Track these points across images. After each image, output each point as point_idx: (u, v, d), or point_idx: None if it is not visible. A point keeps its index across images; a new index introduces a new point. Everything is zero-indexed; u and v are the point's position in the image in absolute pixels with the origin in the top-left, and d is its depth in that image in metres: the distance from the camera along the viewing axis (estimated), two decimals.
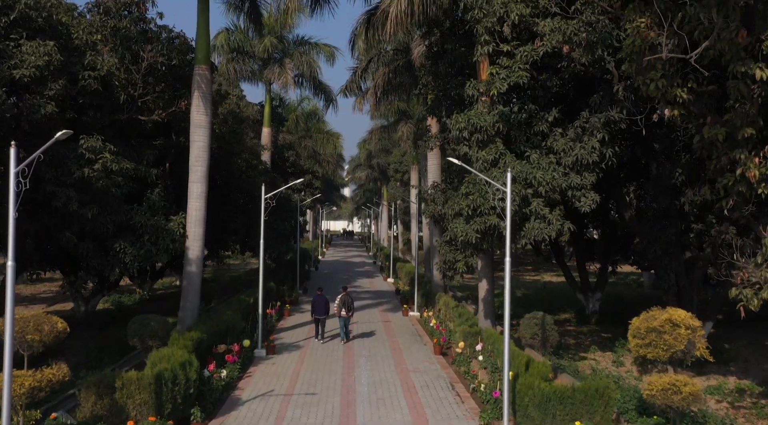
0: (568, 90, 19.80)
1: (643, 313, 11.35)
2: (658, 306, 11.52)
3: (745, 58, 12.08)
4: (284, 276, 37.51)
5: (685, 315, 10.75)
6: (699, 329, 11.02)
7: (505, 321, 12.39)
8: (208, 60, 20.13)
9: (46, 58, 16.66)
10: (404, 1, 18.32)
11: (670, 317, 10.70)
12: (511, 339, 12.91)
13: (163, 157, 26.55)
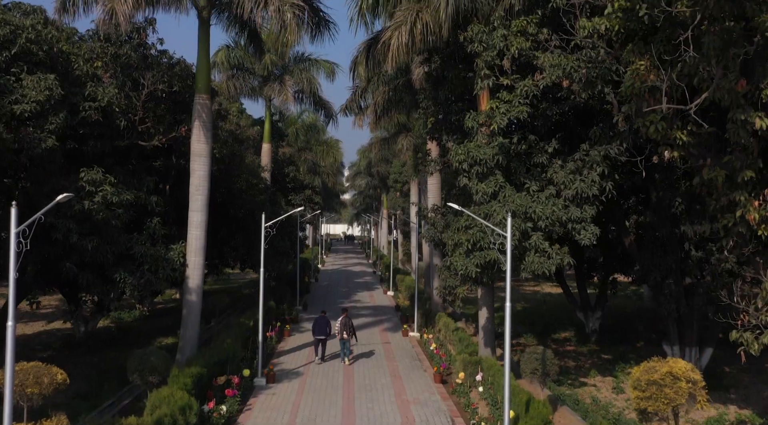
0: (567, 118, 19.85)
1: (644, 363, 11.36)
2: (658, 357, 11.52)
3: (745, 105, 12.10)
4: (284, 293, 37.51)
5: (686, 368, 10.76)
6: (700, 381, 11.02)
7: (506, 367, 12.38)
8: (208, 89, 20.16)
9: (46, 92, 16.69)
10: (404, 34, 18.35)
11: (671, 369, 10.70)
12: (510, 371, 12.87)
13: (163, 178, 26.59)
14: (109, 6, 16.97)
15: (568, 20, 16.63)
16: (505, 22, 18.29)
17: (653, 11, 12.79)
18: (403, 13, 18.85)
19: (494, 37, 17.93)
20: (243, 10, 18.56)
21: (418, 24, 18.51)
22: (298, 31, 18.07)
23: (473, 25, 18.32)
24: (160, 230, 20.11)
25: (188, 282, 19.93)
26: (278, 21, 17.95)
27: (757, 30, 10.77)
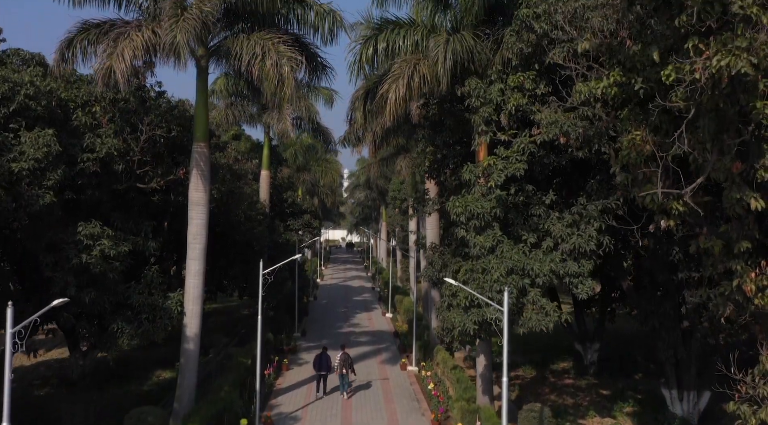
0: (565, 166, 19.87)
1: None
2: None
3: (740, 183, 12.13)
4: (282, 321, 37.49)
5: None
6: None
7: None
8: (206, 137, 20.18)
9: (44, 149, 16.72)
10: (402, 87, 18.39)
11: None
12: None
13: (161, 214, 26.61)
14: (107, 64, 17.01)
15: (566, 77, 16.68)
16: (502, 76, 18.34)
17: (647, 84, 12.85)
18: (401, 66, 18.89)
19: (491, 91, 17.98)
20: (241, 62, 18.61)
21: (415, 77, 18.57)
22: (296, 85, 18.07)
23: (471, 80, 18.37)
24: (157, 278, 20.12)
25: (185, 330, 19.93)
26: (276, 75, 17.99)
27: (751, 115, 10.80)
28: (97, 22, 19.30)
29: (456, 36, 18.52)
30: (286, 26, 20.41)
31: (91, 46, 19.04)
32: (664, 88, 12.60)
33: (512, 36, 17.79)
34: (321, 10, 19.93)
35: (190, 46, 17.13)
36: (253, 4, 18.27)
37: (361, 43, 19.81)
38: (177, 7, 17.29)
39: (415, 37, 19.91)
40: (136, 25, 18.03)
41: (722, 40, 9.12)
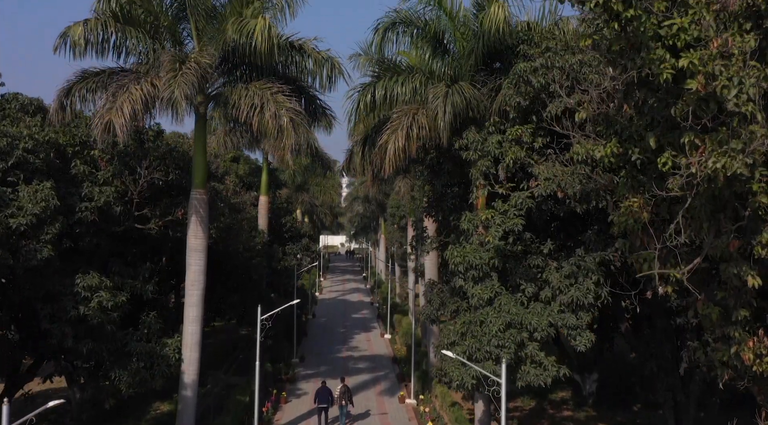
0: (564, 215, 19.90)
1: None
2: None
3: (737, 258, 12.14)
4: (281, 347, 37.43)
5: None
6: None
7: None
8: (205, 183, 20.20)
9: (42, 204, 16.72)
10: (401, 138, 18.42)
11: None
12: None
13: (160, 249, 26.61)
14: (107, 119, 17.03)
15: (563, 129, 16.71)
16: (500, 126, 18.38)
17: (644, 155, 12.87)
18: (400, 117, 18.92)
19: (489, 143, 18.01)
20: (239, 112, 18.64)
21: (414, 127, 18.60)
22: (295, 135, 18.11)
23: (469, 132, 18.41)
24: (155, 325, 20.10)
25: (183, 377, 19.92)
26: (275, 126, 18.02)
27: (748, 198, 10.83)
28: (96, 70, 19.35)
29: (455, 87, 18.55)
30: (285, 71, 20.42)
31: (90, 93, 19.08)
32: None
33: (510, 88, 17.83)
34: (319, 58, 19.97)
35: (188, 97, 17.13)
36: (251, 56, 18.30)
37: (360, 90, 19.85)
38: (175, 61, 17.32)
39: (414, 83, 19.96)
40: (135, 78, 18.05)
41: (718, 139, 9.14)
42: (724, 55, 8.63)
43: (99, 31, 18.23)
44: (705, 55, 8.68)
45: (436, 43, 20.44)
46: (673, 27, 9.19)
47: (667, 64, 9.32)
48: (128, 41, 18.89)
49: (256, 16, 18.34)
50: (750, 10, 9.21)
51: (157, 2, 19.73)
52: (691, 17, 9.24)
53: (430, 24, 20.08)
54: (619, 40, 9.29)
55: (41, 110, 21.23)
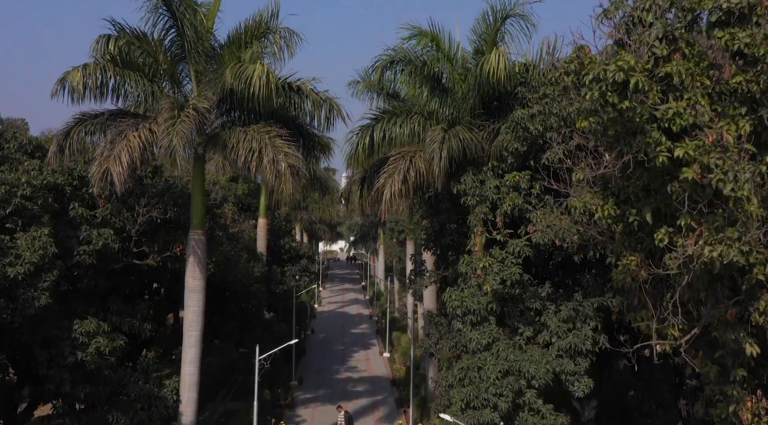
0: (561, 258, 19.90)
1: None
2: None
3: (735, 324, 12.14)
4: (279, 371, 37.35)
5: None
6: None
7: None
8: (203, 224, 20.20)
9: (40, 252, 16.71)
10: (398, 182, 18.46)
11: None
12: None
13: (157, 282, 26.58)
14: (104, 167, 17.04)
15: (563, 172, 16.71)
16: (498, 171, 18.40)
17: (642, 216, 12.87)
18: (397, 160, 18.95)
19: (487, 188, 18.03)
20: (237, 156, 18.64)
21: (411, 172, 18.64)
22: (293, 181, 18.12)
23: (466, 176, 18.43)
24: (153, 364, 20.06)
25: (181, 419, 19.89)
26: (273, 171, 18.03)
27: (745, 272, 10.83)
28: (95, 113, 19.36)
29: (451, 131, 18.57)
30: (283, 111, 20.44)
31: (88, 136, 19.08)
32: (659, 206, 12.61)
33: (508, 134, 17.86)
34: (317, 99, 19.98)
35: (186, 146, 17.14)
36: (250, 101, 18.34)
37: (358, 132, 19.88)
38: (173, 108, 17.34)
39: (412, 125, 20.00)
40: (134, 123, 18.05)
41: (714, 226, 9.15)
42: (720, 146, 8.65)
43: (98, 75, 18.23)
44: (700, 146, 8.70)
45: (434, 82, 20.47)
46: (669, 111, 9.21)
47: (662, 147, 9.33)
48: (127, 84, 18.89)
49: (255, 60, 18.37)
50: (745, 95, 9.24)
51: (155, 43, 19.74)
52: (686, 102, 9.26)
53: (428, 64, 20.10)
54: (615, 125, 9.32)
55: (40, 149, 21.19)
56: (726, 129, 8.76)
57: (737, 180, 8.27)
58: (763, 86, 8.82)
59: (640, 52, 9.35)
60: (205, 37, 19.72)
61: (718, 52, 9.45)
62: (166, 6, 18.97)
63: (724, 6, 8.94)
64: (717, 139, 8.65)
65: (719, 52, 9.42)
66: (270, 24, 20.59)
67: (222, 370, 40.59)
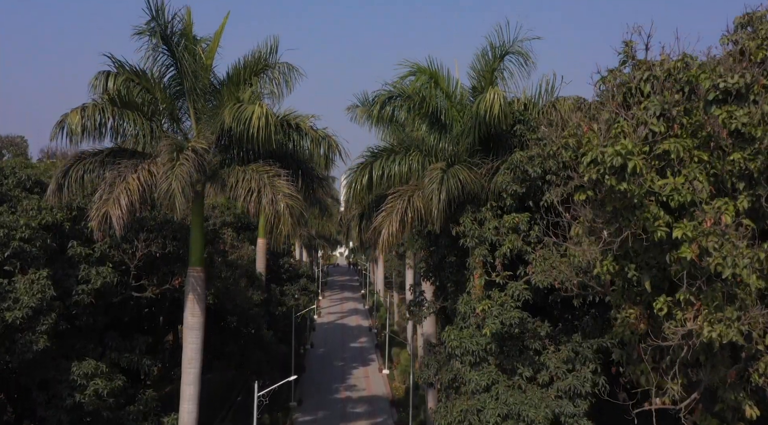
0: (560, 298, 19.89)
1: None
2: None
3: (735, 384, 12.14)
4: (279, 391, 37.28)
5: None
6: None
7: None
8: (202, 261, 20.16)
9: (39, 295, 16.70)
10: (395, 223, 18.45)
11: None
12: None
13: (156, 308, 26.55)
14: (103, 210, 17.02)
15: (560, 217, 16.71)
16: (497, 212, 18.39)
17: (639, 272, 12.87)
18: (394, 200, 18.94)
19: (486, 229, 18.02)
20: (237, 195, 18.63)
21: (409, 212, 18.61)
22: (292, 221, 18.10)
23: (465, 217, 18.42)
24: (152, 402, 20.04)
25: None
26: (272, 211, 18.01)
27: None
28: (94, 151, 19.33)
29: (450, 171, 18.55)
30: (282, 148, 20.42)
31: (87, 174, 19.05)
32: (657, 274, 12.64)
33: (506, 175, 17.86)
34: (316, 136, 19.97)
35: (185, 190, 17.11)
36: (249, 141, 18.34)
37: (357, 170, 19.87)
38: (172, 150, 17.33)
39: (411, 162, 20.00)
40: (133, 164, 18.03)
41: (714, 304, 9.15)
42: (718, 229, 8.66)
43: (96, 116, 18.20)
44: (699, 227, 8.71)
45: (433, 118, 20.46)
46: (667, 187, 9.21)
47: (661, 221, 9.34)
48: (126, 123, 18.87)
49: (254, 100, 18.37)
50: (743, 172, 9.25)
51: (155, 81, 19.75)
52: (683, 178, 9.26)
53: (426, 100, 20.09)
54: (613, 201, 9.32)
55: (39, 185, 21.21)
56: (724, 209, 8.77)
57: (736, 265, 8.27)
58: (761, 166, 8.83)
59: (638, 131, 9.36)
60: (204, 75, 19.72)
61: (715, 123, 9.45)
62: (166, 46, 18.98)
63: (721, 86, 8.95)
64: (716, 220, 8.66)
65: (716, 122, 9.42)
66: (269, 60, 20.63)
67: (221, 387, 40.55)
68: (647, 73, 9.93)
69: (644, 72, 9.97)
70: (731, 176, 9.26)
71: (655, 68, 9.87)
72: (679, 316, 9.83)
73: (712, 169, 9.42)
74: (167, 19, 18.59)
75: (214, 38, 19.99)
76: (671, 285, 10.41)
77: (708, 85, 8.96)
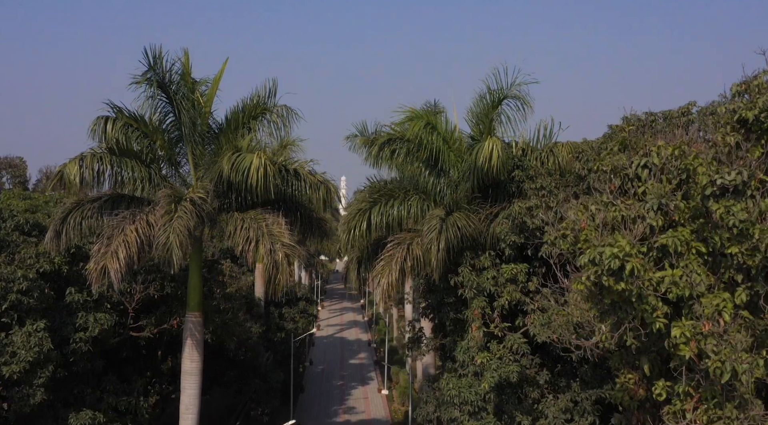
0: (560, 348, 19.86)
1: None
2: None
3: None
4: (277, 416, 37.23)
5: None
6: None
7: None
8: (200, 306, 20.14)
9: (36, 349, 16.66)
10: (395, 272, 18.45)
11: None
12: None
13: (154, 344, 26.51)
14: (101, 264, 16.99)
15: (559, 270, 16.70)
16: (495, 260, 18.37)
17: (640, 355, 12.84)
18: (393, 248, 18.93)
19: (484, 278, 18.00)
20: (235, 243, 18.62)
21: (408, 261, 18.61)
22: (290, 270, 18.09)
23: (463, 268, 18.40)
24: None
25: None
26: (270, 261, 17.99)
27: None
28: (92, 197, 19.33)
29: (449, 219, 18.55)
30: (281, 193, 20.42)
31: (85, 220, 19.03)
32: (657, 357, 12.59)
33: (505, 225, 17.86)
34: (315, 181, 19.99)
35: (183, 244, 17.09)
36: (249, 192, 18.36)
37: (356, 216, 19.87)
38: (171, 202, 17.31)
39: (410, 206, 19.99)
40: (131, 214, 18.01)
41: (713, 401, 9.14)
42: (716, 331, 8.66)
43: (95, 165, 18.20)
44: (697, 329, 8.71)
45: (432, 162, 20.48)
46: (665, 279, 9.21)
47: (659, 312, 9.33)
48: (124, 172, 18.86)
49: (252, 149, 18.35)
50: (741, 266, 9.24)
51: (153, 126, 19.74)
52: (681, 271, 9.26)
53: (424, 144, 20.11)
54: (611, 294, 9.32)
55: (37, 228, 21.19)
56: (722, 306, 8.76)
57: (735, 372, 8.26)
58: (759, 263, 8.82)
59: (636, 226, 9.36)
60: (203, 120, 19.73)
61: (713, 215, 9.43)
62: (165, 94, 19.00)
63: (718, 182, 8.95)
64: (714, 319, 8.66)
65: (714, 216, 9.41)
66: (267, 103, 20.64)
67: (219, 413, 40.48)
68: (644, 159, 9.94)
69: (641, 158, 9.99)
70: (729, 268, 9.27)
71: (652, 155, 9.87)
72: (678, 406, 9.81)
73: (710, 258, 9.42)
74: (165, 68, 18.62)
75: (213, 84, 19.99)
76: (670, 373, 10.40)
77: (705, 180, 8.97)
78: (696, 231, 9.74)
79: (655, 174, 9.89)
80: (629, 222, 9.61)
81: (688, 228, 9.45)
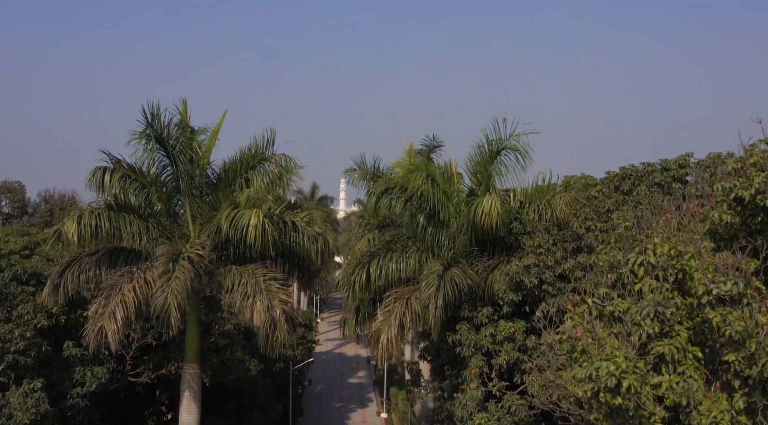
0: None
1: None
2: None
3: None
4: None
5: None
6: None
7: None
8: (198, 358, 20.11)
9: (33, 410, 16.64)
10: (394, 327, 18.45)
11: None
12: None
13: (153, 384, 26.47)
14: (99, 325, 16.98)
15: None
16: (493, 317, 18.37)
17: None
18: (392, 303, 18.94)
19: (482, 336, 18.00)
20: (233, 300, 18.59)
21: (407, 315, 18.61)
22: (287, 327, 18.07)
23: (461, 326, 18.40)
24: None
25: None
26: (268, 318, 17.97)
27: None
28: (90, 251, 19.30)
29: (447, 275, 18.53)
30: (278, 245, 20.39)
31: (83, 274, 19.02)
32: None
33: (503, 283, 17.87)
34: (312, 234, 19.98)
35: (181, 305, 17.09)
36: (247, 248, 18.37)
37: (355, 269, 19.89)
38: (169, 261, 17.31)
39: (408, 259, 20.00)
40: (128, 273, 18.01)
41: None
42: None
43: (92, 222, 18.15)
44: None
45: (431, 212, 20.47)
46: (662, 385, 9.21)
47: (656, 416, 9.32)
48: (122, 226, 18.82)
49: (251, 206, 18.35)
50: (738, 374, 9.25)
51: (152, 178, 19.74)
52: (678, 377, 9.26)
53: (423, 196, 20.11)
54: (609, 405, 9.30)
55: (35, 277, 21.15)
56: (720, 418, 8.76)
57: None
58: (756, 376, 8.83)
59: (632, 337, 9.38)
60: (201, 172, 19.76)
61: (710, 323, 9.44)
62: (163, 148, 19.02)
63: (714, 292, 8.96)
64: None
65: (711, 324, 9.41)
66: (265, 153, 20.69)
67: None
68: (641, 257, 9.95)
69: (638, 255, 10.00)
70: (726, 372, 9.27)
71: (648, 253, 9.88)
72: None
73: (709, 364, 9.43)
74: (163, 123, 18.64)
75: (211, 136, 20.03)
76: None
77: (702, 290, 8.99)
78: (692, 328, 9.74)
79: (651, 272, 9.89)
80: (627, 323, 9.62)
81: (684, 333, 9.45)
